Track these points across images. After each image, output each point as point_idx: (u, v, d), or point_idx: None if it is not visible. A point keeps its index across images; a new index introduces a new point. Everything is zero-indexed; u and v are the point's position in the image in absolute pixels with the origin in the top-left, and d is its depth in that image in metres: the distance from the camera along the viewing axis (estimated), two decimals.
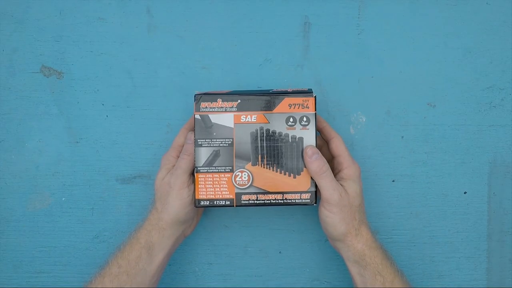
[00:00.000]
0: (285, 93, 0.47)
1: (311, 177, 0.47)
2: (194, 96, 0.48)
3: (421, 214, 0.56)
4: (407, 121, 0.56)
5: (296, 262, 0.56)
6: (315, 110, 0.47)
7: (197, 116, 0.47)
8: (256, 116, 0.47)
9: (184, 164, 0.47)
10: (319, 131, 0.51)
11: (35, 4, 0.55)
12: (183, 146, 0.48)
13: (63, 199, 0.56)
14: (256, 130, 0.47)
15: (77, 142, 0.55)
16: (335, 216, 0.45)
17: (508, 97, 0.55)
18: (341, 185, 0.46)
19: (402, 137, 0.56)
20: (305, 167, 0.47)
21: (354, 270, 0.47)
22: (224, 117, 0.47)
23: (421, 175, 0.56)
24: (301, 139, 0.47)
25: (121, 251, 0.48)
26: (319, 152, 0.46)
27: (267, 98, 0.47)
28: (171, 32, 0.55)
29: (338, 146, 0.48)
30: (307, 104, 0.47)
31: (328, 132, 0.50)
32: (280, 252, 0.56)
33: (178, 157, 0.48)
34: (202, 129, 0.47)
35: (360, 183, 0.48)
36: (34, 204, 0.56)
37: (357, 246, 0.46)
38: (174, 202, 0.47)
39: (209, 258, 0.56)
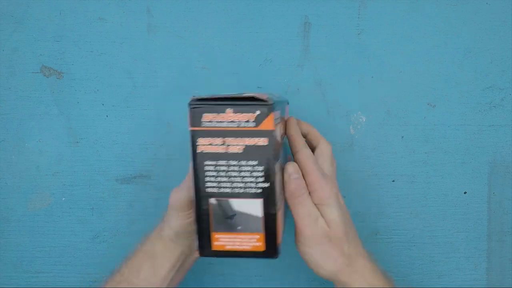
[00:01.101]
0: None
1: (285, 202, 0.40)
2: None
3: (421, 214, 0.56)
4: (407, 121, 0.55)
5: (296, 262, 0.56)
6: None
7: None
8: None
9: (187, 183, 0.41)
10: (304, 137, 0.44)
11: (35, 4, 0.55)
12: None
13: (63, 199, 0.56)
14: None
15: (77, 142, 0.55)
16: (314, 252, 0.39)
17: (508, 97, 0.55)
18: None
19: (402, 137, 0.56)
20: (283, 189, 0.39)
21: None
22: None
23: (421, 175, 0.56)
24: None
25: (126, 260, 0.46)
26: (300, 173, 0.39)
27: None
28: (171, 32, 0.55)
29: (303, 161, 0.39)
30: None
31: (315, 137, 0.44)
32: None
33: None
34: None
35: (339, 205, 0.40)
36: (34, 204, 0.56)
37: (355, 285, 0.39)
38: (174, 221, 0.43)
39: (209, 258, 0.56)
